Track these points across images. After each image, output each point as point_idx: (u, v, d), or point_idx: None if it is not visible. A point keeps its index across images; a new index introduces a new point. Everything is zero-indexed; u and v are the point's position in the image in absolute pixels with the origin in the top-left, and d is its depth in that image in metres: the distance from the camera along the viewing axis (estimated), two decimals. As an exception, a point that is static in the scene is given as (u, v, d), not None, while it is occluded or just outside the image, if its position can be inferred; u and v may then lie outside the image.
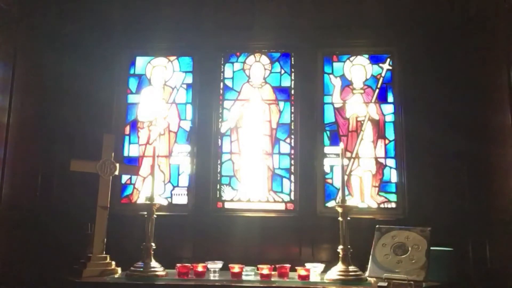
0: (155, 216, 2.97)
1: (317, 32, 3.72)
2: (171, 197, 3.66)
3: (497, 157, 3.07)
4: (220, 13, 3.78)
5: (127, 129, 3.77)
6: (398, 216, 3.42)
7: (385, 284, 2.64)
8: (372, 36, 3.71)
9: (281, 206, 3.58)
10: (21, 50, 3.08)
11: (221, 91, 3.78)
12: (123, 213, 3.49)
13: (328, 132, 3.67)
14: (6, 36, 2.97)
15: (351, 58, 3.78)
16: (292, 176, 3.61)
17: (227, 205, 3.60)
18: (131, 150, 3.75)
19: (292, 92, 3.74)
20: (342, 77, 3.76)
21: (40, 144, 3.36)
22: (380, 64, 3.75)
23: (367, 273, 2.84)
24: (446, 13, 3.59)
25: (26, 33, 3.15)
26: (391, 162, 3.59)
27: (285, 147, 3.68)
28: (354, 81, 3.74)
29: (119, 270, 3.02)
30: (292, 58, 3.80)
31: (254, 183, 3.63)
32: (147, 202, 3.00)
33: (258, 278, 2.84)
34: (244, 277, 2.86)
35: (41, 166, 3.37)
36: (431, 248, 2.79)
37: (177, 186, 3.67)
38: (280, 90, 3.78)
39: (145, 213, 2.98)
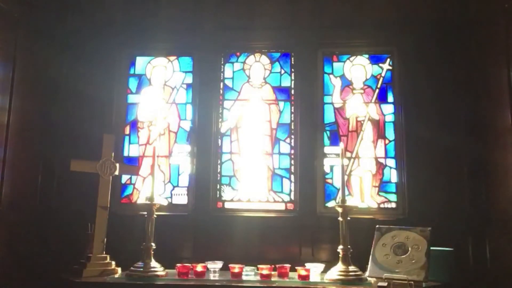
0: (155, 216, 2.97)
1: (317, 32, 3.72)
2: (171, 197, 3.65)
3: (497, 157, 3.08)
4: (220, 13, 3.78)
5: (127, 129, 3.77)
6: (398, 216, 3.42)
7: (385, 284, 2.64)
8: (372, 36, 3.70)
9: (281, 206, 3.57)
10: (21, 50, 3.08)
11: (221, 91, 3.78)
12: (123, 213, 3.49)
13: (328, 132, 3.67)
14: (6, 36, 2.97)
15: (351, 58, 3.78)
16: (292, 176, 3.61)
17: (227, 205, 3.60)
18: (131, 150, 3.75)
19: (292, 92, 3.74)
20: (342, 77, 3.75)
21: (40, 144, 3.36)
22: (380, 64, 3.75)
23: (367, 273, 2.84)
24: (446, 13, 3.59)
25: (26, 33, 3.15)
26: (391, 162, 3.59)
27: (285, 147, 3.68)
28: (354, 81, 3.74)
29: (119, 270, 3.01)
30: (292, 58, 3.80)
31: (254, 183, 3.63)
32: (147, 202, 3.00)
33: (258, 278, 2.84)
34: (244, 277, 2.85)
35: (41, 166, 3.36)
36: (431, 248, 2.79)
37: (177, 186, 3.67)
38: (280, 90, 3.78)
39: (145, 213, 2.98)
